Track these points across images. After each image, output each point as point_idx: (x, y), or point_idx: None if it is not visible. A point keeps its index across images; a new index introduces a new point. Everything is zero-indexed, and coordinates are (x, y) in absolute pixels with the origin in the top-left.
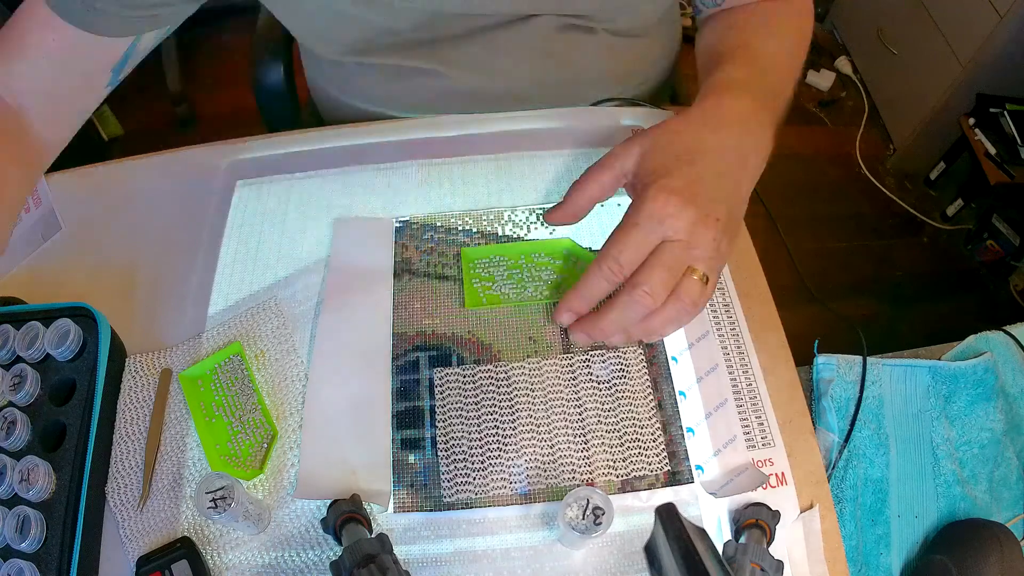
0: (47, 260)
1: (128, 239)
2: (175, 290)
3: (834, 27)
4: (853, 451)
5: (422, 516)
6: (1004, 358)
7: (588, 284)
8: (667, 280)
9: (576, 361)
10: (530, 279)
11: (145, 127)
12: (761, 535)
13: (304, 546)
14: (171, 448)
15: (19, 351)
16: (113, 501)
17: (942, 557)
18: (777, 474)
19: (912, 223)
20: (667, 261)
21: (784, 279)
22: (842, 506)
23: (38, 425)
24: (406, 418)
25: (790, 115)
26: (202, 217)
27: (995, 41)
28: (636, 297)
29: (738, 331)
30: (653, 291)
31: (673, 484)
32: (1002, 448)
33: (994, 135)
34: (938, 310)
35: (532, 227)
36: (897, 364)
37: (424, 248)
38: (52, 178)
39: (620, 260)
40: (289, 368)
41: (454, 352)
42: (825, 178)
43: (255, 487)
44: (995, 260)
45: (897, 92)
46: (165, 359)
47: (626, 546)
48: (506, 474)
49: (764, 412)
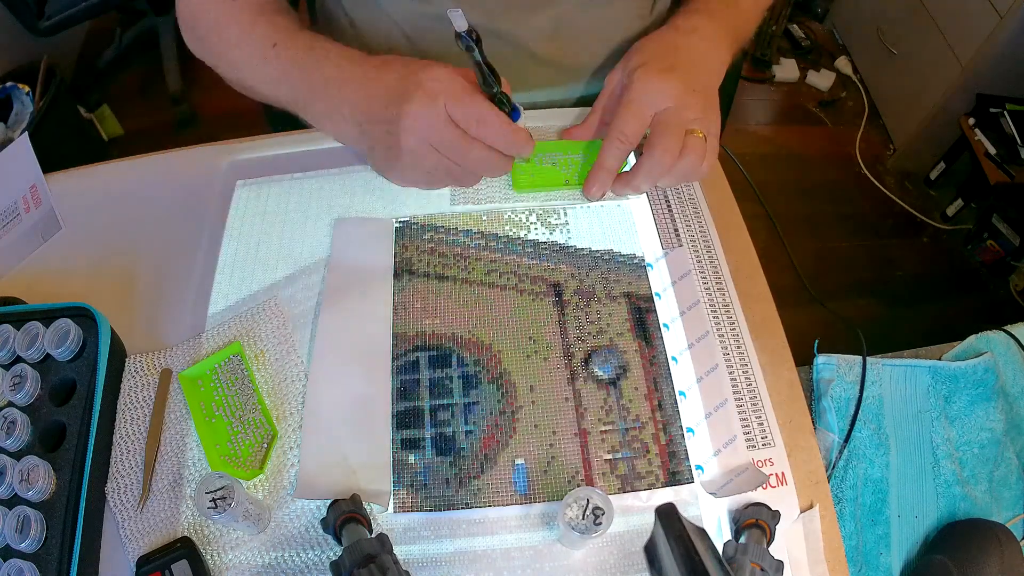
0: (47, 260)
1: (128, 239)
2: (175, 290)
3: (834, 27)
4: (853, 451)
5: (422, 516)
6: (1004, 358)
7: (605, 158)
8: (674, 138)
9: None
10: (564, 165)
11: (145, 127)
12: (761, 535)
13: (304, 546)
14: (171, 448)
15: (19, 351)
16: (113, 501)
17: (942, 557)
18: (777, 474)
19: (912, 223)
20: (668, 125)
21: (784, 279)
22: (842, 506)
23: (38, 425)
24: (406, 418)
25: (790, 115)
26: (202, 217)
27: (995, 41)
28: (656, 157)
29: (738, 331)
30: (669, 149)
31: (673, 484)
32: (1002, 448)
33: (994, 135)
34: (938, 310)
35: (532, 227)
36: (897, 364)
37: (424, 248)
38: (52, 178)
39: (625, 132)
40: (289, 368)
41: (454, 352)
42: (825, 178)
43: (255, 487)
44: (995, 260)
45: (897, 92)
46: (165, 359)
47: (626, 546)
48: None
49: (764, 412)
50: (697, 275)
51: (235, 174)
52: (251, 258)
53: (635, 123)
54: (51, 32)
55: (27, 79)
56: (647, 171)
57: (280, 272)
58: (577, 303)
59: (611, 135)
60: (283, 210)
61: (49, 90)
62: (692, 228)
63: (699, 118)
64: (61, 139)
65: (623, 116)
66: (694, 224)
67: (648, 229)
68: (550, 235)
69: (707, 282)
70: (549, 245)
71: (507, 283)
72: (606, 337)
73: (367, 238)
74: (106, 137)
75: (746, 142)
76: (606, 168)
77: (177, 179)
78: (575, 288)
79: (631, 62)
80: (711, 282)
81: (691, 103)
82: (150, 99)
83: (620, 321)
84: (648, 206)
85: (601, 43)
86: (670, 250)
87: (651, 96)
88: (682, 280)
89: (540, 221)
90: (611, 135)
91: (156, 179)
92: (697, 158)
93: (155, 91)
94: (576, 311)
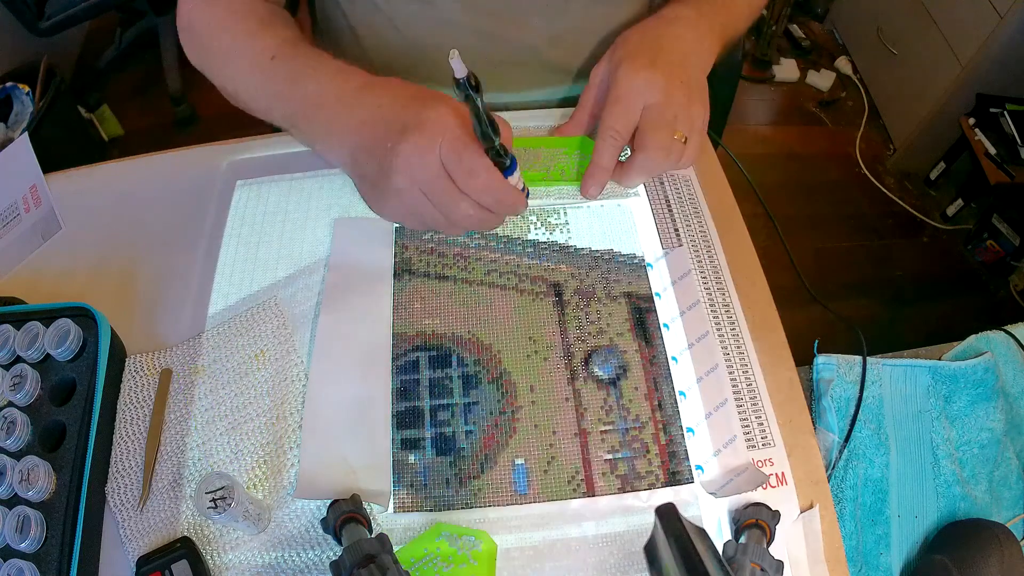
0: (47, 260)
1: (128, 239)
2: (175, 290)
3: (834, 27)
4: (853, 451)
5: (422, 516)
6: (1004, 358)
7: (600, 156)
8: (665, 134)
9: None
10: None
11: (145, 127)
12: (761, 535)
13: (304, 546)
14: (171, 448)
15: (19, 351)
16: (113, 501)
17: (942, 557)
18: (777, 474)
19: (912, 223)
20: (656, 122)
21: (784, 279)
22: (842, 506)
23: (38, 425)
24: (406, 418)
25: (790, 115)
26: (202, 217)
27: (995, 41)
28: (649, 154)
29: (738, 331)
30: (660, 146)
31: (673, 484)
32: (1002, 448)
33: (994, 135)
34: (938, 310)
35: (532, 227)
36: (897, 364)
37: (424, 248)
38: (52, 178)
39: (616, 128)
40: (289, 368)
41: (454, 352)
42: (825, 178)
43: (255, 487)
44: (995, 260)
45: (897, 92)
46: (165, 359)
47: (626, 546)
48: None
49: (764, 412)
50: (697, 275)
51: (235, 174)
52: (251, 258)
53: (624, 119)
54: (51, 32)
55: (27, 79)
56: (639, 168)
57: (280, 272)
58: (577, 303)
59: (603, 133)
60: (283, 210)
61: (49, 90)
62: (692, 228)
63: (682, 114)
64: (61, 139)
65: (612, 113)
66: (694, 224)
67: (648, 229)
68: (550, 235)
69: (707, 282)
70: (549, 245)
71: (507, 283)
72: (606, 337)
73: (367, 238)
74: (106, 137)
75: (746, 142)
76: (602, 166)
77: (177, 179)
78: (575, 288)
79: (615, 55)
80: (711, 282)
81: (676, 97)
82: (150, 99)
83: (620, 321)
84: (648, 206)
85: (601, 44)
86: (670, 250)
87: (637, 91)
88: (682, 280)
89: (540, 221)
90: (603, 133)
91: (156, 179)
92: (677, 158)
93: (155, 91)
94: (576, 311)
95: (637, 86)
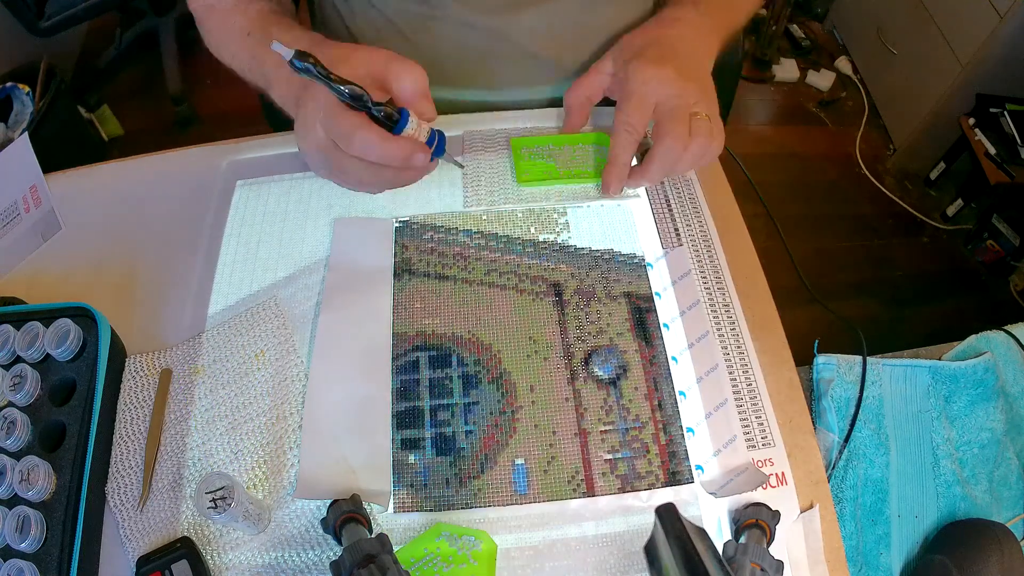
0: (47, 260)
1: (128, 239)
2: (175, 290)
3: (834, 27)
4: (853, 451)
5: (422, 516)
6: (1004, 358)
7: (617, 152)
8: (682, 124)
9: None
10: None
11: (145, 127)
12: (761, 535)
13: (304, 546)
14: (171, 448)
15: (19, 351)
16: (113, 501)
17: (942, 557)
18: (777, 474)
19: (912, 223)
20: (673, 111)
21: (784, 279)
22: (842, 506)
23: (38, 425)
24: (406, 418)
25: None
26: (202, 217)
27: (995, 41)
28: (668, 144)
29: (738, 331)
30: (679, 135)
31: (673, 484)
32: (1002, 448)
33: (994, 135)
34: (938, 310)
35: (532, 227)
36: (897, 364)
37: (424, 248)
38: (52, 178)
39: (631, 122)
40: (289, 368)
41: (454, 352)
42: (825, 178)
43: (255, 487)
44: (995, 260)
45: (897, 92)
46: (165, 359)
47: (626, 546)
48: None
49: (764, 412)
50: (697, 275)
51: (235, 174)
52: (251, 258)
53: (639, 113)
54: (51, 32)
55: (27, 79)
56: (661, 160)
57: (280, 272)
58: (577, 303)
59: (618, 128)
60: (283, 210)
61: (49, 90)
62: (692, 228)
63: (700, 101)
64: (61, 139)
65: (627, 108)
66: (694, 224)
67: (648, 229)
68: (550, 235)
69: (707, 282)
70: (549, 245)
71: (507, 283)
72: (606, 337)
73: (367, 238)
74: (106, 137)
75: (746, 142)
76: (620, 162)
77: (177, 179)
78: (575, 288)
79: (623, 55)
80: (711, 282)
81: (689, 89)
82: (150, 99)
83: (620, 321)
84: (648, 206)
85: (601, 42)
86: (670, 250)
87: (651, 85)
88: (682, 280)
89: (540, 221)
90: (618, 128)
91: (156, 179)
92: (706, 139)
93: (155, 91)
94: (576, 311)
95: (649, 80)
